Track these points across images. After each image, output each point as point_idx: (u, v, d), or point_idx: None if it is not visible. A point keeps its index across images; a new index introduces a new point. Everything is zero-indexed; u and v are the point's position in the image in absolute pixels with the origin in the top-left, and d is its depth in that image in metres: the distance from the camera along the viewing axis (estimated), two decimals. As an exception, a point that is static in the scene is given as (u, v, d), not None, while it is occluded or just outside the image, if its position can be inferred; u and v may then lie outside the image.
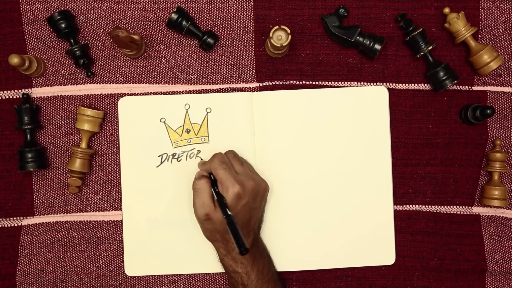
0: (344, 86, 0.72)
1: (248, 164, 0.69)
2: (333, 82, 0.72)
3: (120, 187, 0.70)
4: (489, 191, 0.70)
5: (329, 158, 0.70)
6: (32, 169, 0.67)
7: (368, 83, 0.71)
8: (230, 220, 0.57)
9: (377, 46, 0.68)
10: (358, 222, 0.70)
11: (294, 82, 0.71)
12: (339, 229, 0.70)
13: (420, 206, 0.72)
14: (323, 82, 0.72)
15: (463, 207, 0.72)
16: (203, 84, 0.71)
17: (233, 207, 0.60)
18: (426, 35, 0.69)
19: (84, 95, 0.70)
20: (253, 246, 0.64)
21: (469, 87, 0.72)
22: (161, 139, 0.70)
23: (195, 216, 0.64)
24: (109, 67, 0.71)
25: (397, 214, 0.71)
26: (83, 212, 0.70)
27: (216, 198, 0.61)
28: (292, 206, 0.70)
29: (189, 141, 0.70)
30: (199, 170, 0.67)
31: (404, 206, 0.72)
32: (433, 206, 0.72)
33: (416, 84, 0.72)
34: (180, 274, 0.70)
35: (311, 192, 0.70)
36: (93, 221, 0.70)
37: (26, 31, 0.70)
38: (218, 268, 0.68)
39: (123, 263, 0.70)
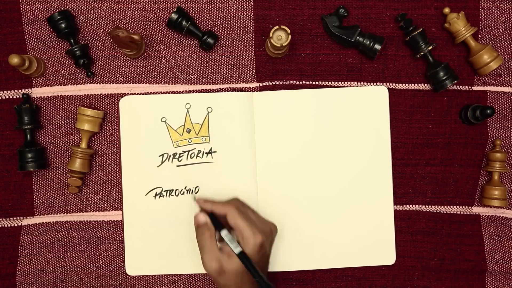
0: (344, 86, 0.72)
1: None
2: (333, 82, 0.72)
3: (120, 187, 0.70)
4: (489, 191, 0.70)
5: (329, 158, 0.70)
6: (32, 169, 0.67)
7: (368, 83, 0.72)
8: (266, 284, 0.56)
9: (377, 46, 0.68)
10: (358, 222, 0.70)
11: (294, 82, 0.71)
12: (339, 229, 0.70)
13: (420, 206, 0.72)
14: (323, 82, 0.72)
15: (463, 207, 0.72)
16: (203, 84, 0.71)
17: (254, 257, 0.58)
18: (426, 35, 0.69)
19: (84, 95, 0.70)
20: None
21: (469, 87, 0.72)
22: (162, 139, 0.70)
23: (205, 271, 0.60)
24: (109, 67, 0.71)
25: (397, 214, 0.71)
26: (83, 212, 0.70)
27: (239, 257, 0.58)
28: (291, 206, 0.70)
29: (189, 140, 0.70)
30: (199, 213, 0.63)
31: (404, 206, 0.72)
32: (433, 206, 0.72)
33: (416, 84, 0.72)
34: (180, 274, 0.70)
35: (311, 192, 0.70)
36: (93, 221, 0.70)
37: (26, 31, 0.70)
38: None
39: (123, 263, 0.70)
